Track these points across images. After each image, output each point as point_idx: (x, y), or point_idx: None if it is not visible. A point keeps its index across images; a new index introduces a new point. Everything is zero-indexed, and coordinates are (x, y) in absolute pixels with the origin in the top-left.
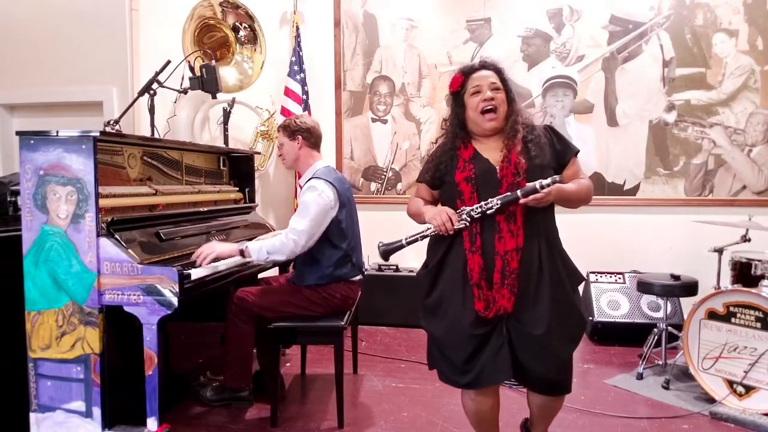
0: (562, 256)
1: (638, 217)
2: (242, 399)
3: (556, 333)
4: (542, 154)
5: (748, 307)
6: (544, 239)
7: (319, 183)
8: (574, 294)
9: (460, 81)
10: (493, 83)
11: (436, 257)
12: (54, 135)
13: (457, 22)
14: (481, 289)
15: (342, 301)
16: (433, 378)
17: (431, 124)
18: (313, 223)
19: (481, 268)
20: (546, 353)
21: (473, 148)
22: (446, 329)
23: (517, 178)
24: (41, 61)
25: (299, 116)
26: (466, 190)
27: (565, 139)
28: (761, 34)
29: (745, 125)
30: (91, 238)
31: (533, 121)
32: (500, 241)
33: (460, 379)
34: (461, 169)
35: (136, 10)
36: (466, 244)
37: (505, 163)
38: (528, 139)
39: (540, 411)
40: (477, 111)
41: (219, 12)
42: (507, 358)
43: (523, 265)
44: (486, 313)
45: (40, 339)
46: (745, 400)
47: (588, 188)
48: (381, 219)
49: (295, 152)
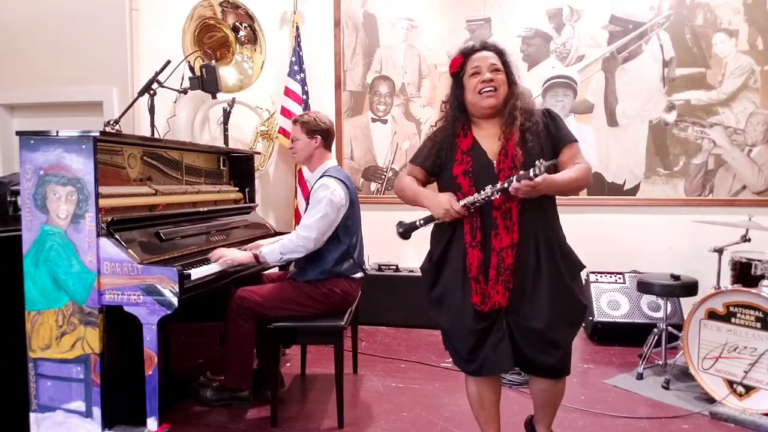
0: (562, 249)
1: (638, 217)
2: (242, 399)
3: (556, 324)
4: (538, 142)
5: (748, 307)
6: (543, 234)
7: (332, 181)
8: (573, 282)
9: (459, 62)
10: (493, 64)
11: (439, 251)
12: (54, 135)
13: (457, 22)
14: (478, 283)
15: (342, 297)
16: (433, 378)
17: (431, 124)
18: (326, 220)
19: (480, 262)
20: (547, 344)
21: (472, 137)
22: (450, 323)
23: (514, 172)
24: (41, 61)
25: (318, 114)
26: (464, 183)
27: (563, 126)
28: (761, 34)
29: (745, 125)
30: (91, 238)
31: (533, 106)
32: (496, 238)
33: (465, 367)
34: (459, 161)
35: (136, 10)
36: (467, 238)
37: (502, 156)
38: (525, 128)
39: (543, 397)
40: (475, 92)
41: (219, 12)
42: (507, 351)
43: (519, 260)
44: (481, 306)
45: (40, 339)
46: (745, 400)
47: (584, 172)
48: (381, 219)
49: (311, 150)
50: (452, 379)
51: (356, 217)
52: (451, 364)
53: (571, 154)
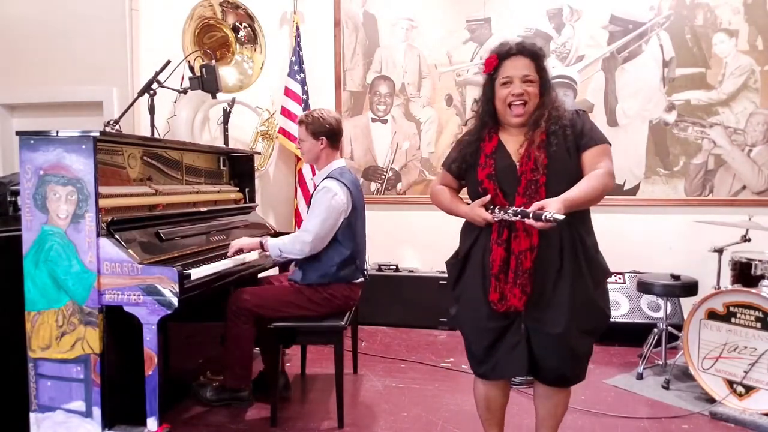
0: (588, 253)
1: (638, 217)
2: (242, 399)
3: (574, 330)
4: (564, 146)
5: (748, 307)
6: (568, 238)
7: (334, 184)
8: (596, 290)
9: (494, 64)
10: (526, 75)
11: (465, 248)
12: (54, 135)
13: (457, 22)
14: (499, 281)
15: (343, 301)
16: (433, 378)
17: (431, 124)
18: (325, 225)
19: (503, 261)
20: (563, 351)
21: (497, 139)
22: (467, 320)
23: (536, 175)
24: (41, 61)
25: (323, 113)
26: (491, 188)
27: (591, 127)
28: (761, 34)
29: (745, 125)
30: (91, 238)
31: (563, 111)
32: (515, 240)
33: (477, 368)
34: (482, 165)
35: (136, 10)
36: (494, 234)
37: (525, 158)
38: (551, 131)
39: (546, 406)
40: (504, 103)
41: (219, 12)
42: (523, 356)
43: (539, 264)
44: (498, 305)
45: (40, 339)
46: (745, 400)
47: (596, 179)
48: (381, 219)
49: (317, 152)
50: (452, 379)
51: (361, 221)
52: (451, 364)
53: (592, 156)
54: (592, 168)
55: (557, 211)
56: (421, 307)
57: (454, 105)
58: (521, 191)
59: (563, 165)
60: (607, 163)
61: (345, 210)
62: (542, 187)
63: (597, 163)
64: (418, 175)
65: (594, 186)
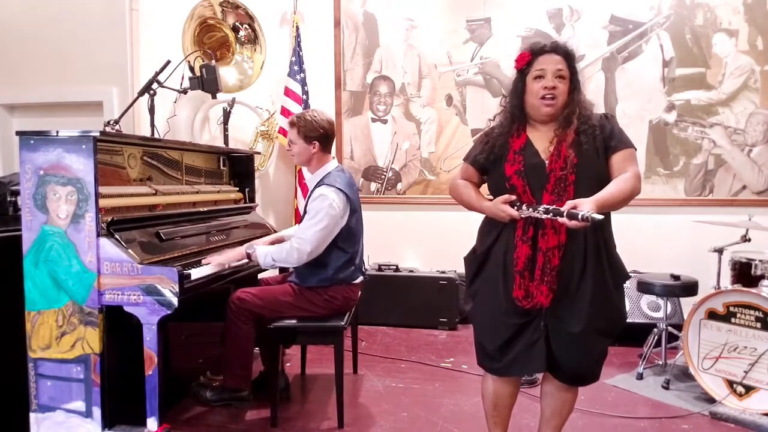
0: (610, 255)
1: (638, 217)
2: (242, 399)
3: (593, 330)
4: (593, 145)
5: (748, 307)
6: (592, 238)
7: (330, 192)
8: (616, 291)
9: (527, 59)
10: (559, 70)
11: (485, 245)
12: (54, 135)
13: (457, 22)
14: (523, 278)
15: (343, 302)
16: (433, 378)
17: (431, 124)
18: (322, 233)
19: (527, 258)
20: (581, 349)
21: (525, 137)
22: (483, 316)
23: (565, 173)
24: (41, 61)
25: (315, 115)
26: (519, 184)
27: (619, 131)
28: (761, 34)
29: (745, 125)
30: (91, 238)
31: (591, 112)
32: (543, 238)
33: (491, 365)
34: (511, 162)
35: (136, 10)
36: (519, 231)
37: (555, 156)
38: (581, 130)
39: (553, 403)
40: (537, 97)
41: (219, 12)
42: (541, 353)
43: (565, 262)
44: (524, 302)
45: (40, 339)
46: (745, 400)
47: (624, 182)
48: (381, 219)
49: (308, 156)
50: (452, 379)
51: (359, 223)
52: (451, 364)
53: (620, 160)
54: (621, 171)
55: (591, 211)
56: (421, 307)
57: (454, 105)
58: (550, 189)
59: (592, 165)
60: (635, 167)
61: (342, 216)
62: (571, 186)
63: (625, 167)
64: (418, 175)
65: (623, 189)
